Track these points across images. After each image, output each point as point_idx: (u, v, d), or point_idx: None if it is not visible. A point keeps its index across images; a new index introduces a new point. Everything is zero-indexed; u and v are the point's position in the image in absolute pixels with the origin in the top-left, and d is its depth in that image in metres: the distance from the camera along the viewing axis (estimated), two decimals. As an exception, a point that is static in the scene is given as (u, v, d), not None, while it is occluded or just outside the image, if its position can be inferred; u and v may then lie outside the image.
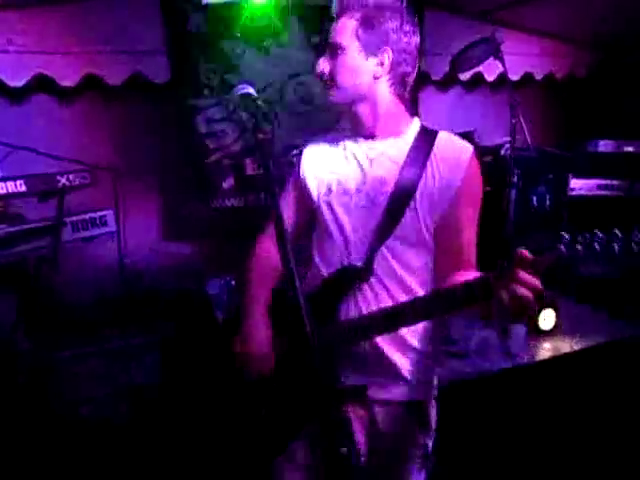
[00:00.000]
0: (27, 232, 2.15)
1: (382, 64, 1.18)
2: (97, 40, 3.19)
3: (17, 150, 2.40)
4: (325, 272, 1.27)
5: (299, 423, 1.22)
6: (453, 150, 1.22)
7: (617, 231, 0.91)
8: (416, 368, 1.25)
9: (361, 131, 1.27)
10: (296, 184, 1.36)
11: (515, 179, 2.96)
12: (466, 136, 2.92)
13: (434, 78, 4.19)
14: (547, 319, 2.90)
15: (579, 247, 0.92)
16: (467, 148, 1.23)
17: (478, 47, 2.73)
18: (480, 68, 3.93)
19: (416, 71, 1.27)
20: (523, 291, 0.91)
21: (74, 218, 2.38)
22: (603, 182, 3.52)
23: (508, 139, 2.97)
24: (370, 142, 1.25)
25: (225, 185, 3.67)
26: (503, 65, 2.66)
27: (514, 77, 4.21)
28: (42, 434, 2.19)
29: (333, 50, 1.18)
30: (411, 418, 1.28)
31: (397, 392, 1.26)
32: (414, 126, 1.26)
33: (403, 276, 1.21)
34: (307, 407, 1.20)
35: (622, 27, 3.86)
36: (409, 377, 1.25)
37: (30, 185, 2.02)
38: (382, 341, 1.22)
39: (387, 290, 1.21)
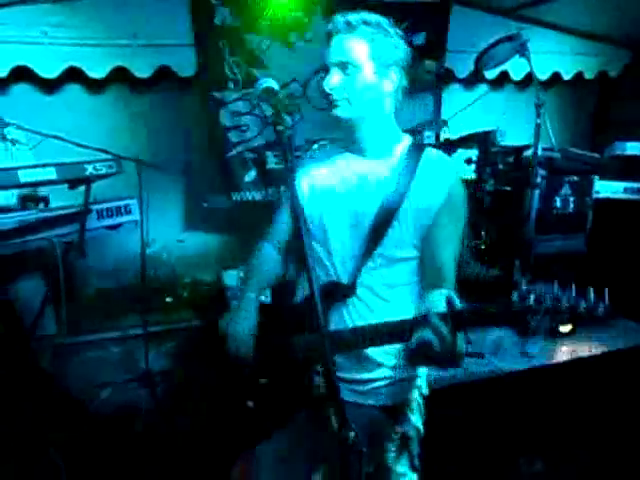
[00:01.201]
0: (55, 218, 2.22)
1: (392, 81, 1.22)
2: (126, 33, 3.27)
3: (48, 138, 2.48)
4: (306, 284, 1.26)
5: (286, 410, 1.26)
6: (438, 169, 1.24)
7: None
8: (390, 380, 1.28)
9: (354, 148, 1.27)
10: (289, 201, 1.35)
11: (538, 180, 2.92)
12: (488, 135, 2.94)
13: (459, 76, 4.15)
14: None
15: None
16: (451, 166, 1.26)
17: (503, 45, 2.69)
18: (506, 66, 3.89)
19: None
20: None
21: (100, 206, 2.44)
22: (630, 185, 3.45)
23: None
24: (361, 160, 1.27)
25: (247, 178, 3.71)
26: (529, 63, 2.62)
27: (542, 76, 4.15)
28: (62, 416, 2.26)
29: (346, 68, 1.20)
30: (387, 418, 1.31)
31: (371, 399, 1.29)
32: (404, 144, 1.28)
33: (383, 292, 1.26)
34: (296, 397, 1.24)
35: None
36: (384, 384, 1.28)
37: (60, 173, 2.08)
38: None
39: (367, 305, 1.25)
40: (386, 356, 1.27)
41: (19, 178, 1.94)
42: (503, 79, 4.30)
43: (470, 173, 3.04)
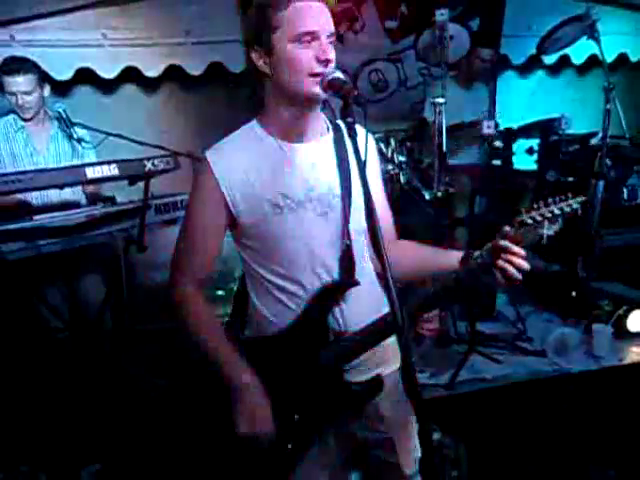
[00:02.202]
0: (117, 213, 2.29)
1: None
2: (178, 32, 3.34)
3: (109, 136, 2.57)
4: (286, 298, 1.17)
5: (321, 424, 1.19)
6: (359, 135, 1.17)
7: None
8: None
9: (296, 133, 1.16)
10: (217, 213, 1.16)
11: (605, 170, 2.75)
12: (551, 123, 2.80)
13: (515, 62, 3.97)
14: (636, 320, 2.69)
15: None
16: (364, 129, 1.18)
17: (570, 26, 2.55)
18: (567, 50, 3.68)
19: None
20: (518, 262, 1.05)
21: (157, 201, 2.49)
22: None
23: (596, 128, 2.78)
24: (300, 145, 1.16)
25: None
26: (598, 45, 2.46)
27: (607, 58, 3.89)
28: (122, 402, 2.35)
29: (331, 37, 1.09)
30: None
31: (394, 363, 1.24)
32: (325, 121, 1.23)
33: (369, 268, 1.24)
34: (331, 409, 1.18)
35: None
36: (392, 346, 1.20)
37: (121, 169, 2.14)
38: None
39: (364, 287, 1.19)
40: None
41: (86, 175, 2.02)
42: (562, 63, 4.08)
43: (531, 163, 2.90)
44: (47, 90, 2.45)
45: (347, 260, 1.17)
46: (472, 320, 2.56)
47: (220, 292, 3.68)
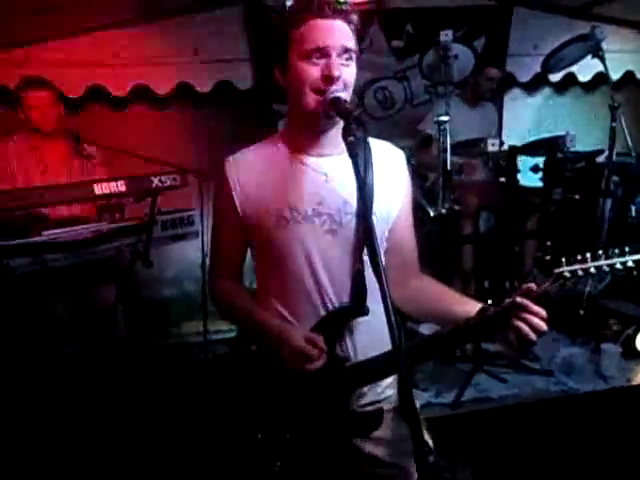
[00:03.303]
0: (125, 228, 2.32)
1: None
2: (188, 51, 3.41)
3: (117, 153, 2.61)
4: (292, 316, 1.15)
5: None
6: (390, 155, 1.21)
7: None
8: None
9: (309, 146, 1.15)
10: (233, 214, 1.17)
11: (612, 187, 2.74)
12: (556, 141, 2.80)
13: (521, 80, 4.00)
14: (645, 341, 2.65)
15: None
16: (400, 151, 1.24)
17: (575, 45, 2.56)
18: (573, 68, 3.70)
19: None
20: (535, 322, 0.97)
21: (164, 217, 2.52)
22: None
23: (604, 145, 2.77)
24: (316, 159, 1.15)
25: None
26: (603, 63, 2.47)
27: (613, 76, 3.90)
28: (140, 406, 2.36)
29: (345, 55, 1.07)
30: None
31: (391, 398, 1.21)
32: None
33: (375, 297, 1.13)
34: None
35: None
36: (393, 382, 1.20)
37: (129, 186, 2.17)
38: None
39: (375, 316, 1.09)
40: None
41: (94, 191, 2.05)
42: (568, 81, 4.10)
43: (536, 181, 2.90)
44: (62, 108, 2.54)
45: (358, 285, 1.12)
46: (472, 340, 2.53)
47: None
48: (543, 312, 0.98)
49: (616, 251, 0.95)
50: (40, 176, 2.48)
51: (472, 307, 1.09)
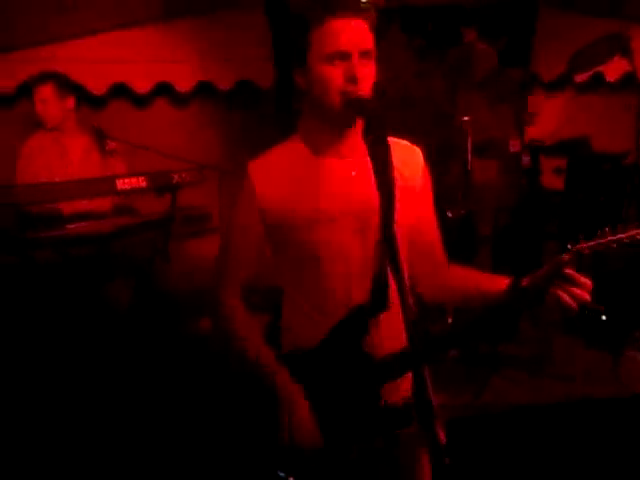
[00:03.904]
0: (145, 224, 2.36)
1: None
2: (210, 50, 3.45)
3: (140, 149, 2.66)
4: (317, 314, 1.16)
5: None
6: (407, 153, 1.20)
7: None
8: None
9: (333, 149, 1.14)
10: (252, 213, 1.17)
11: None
12: (580, 142, 2.75)
13: (545, 80, 3.93)
14: (670, 347, 2.58)
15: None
16: (417, 148, 1.23)
17: (603, 44, 2.50)
18: (600, 68, 3.62)
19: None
20: (580, 293, 0.97)
21: (183, 213, 2.55)
22: None
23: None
24: (337, 160, 1.15)
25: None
26: (632, 63, 2.41)
27: (642, 76, 3.82)
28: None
29: (366, 56, 1.06)
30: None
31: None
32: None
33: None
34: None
35: None
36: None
37: (150, 181, 2.21)
38: None
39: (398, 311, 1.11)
40: None
41: (116, 186, 2.09)
42: (594, 81, 4.01)
43: (559, 183, 2.85)
44: (71, 102, 2.52)
45: (380, 281, 1.12)
46: (494, 341, 2.51)
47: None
48: (589, 283, 0.99)
49: (633, 225, 0.98)
50: (63, 170, 2.53)
51: (501, 281, 1.09)
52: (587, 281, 0.98)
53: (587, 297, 0.98)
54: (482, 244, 2.92)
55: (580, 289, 0.98)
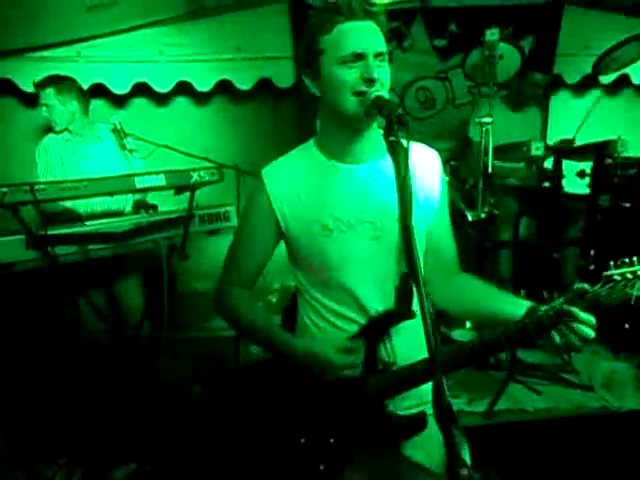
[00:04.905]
0: (162, 222, 2.37)
1: None
2: (230, 48, 3.45)
3: (159, 148, 2.67)
4: (337, 321, 1.16)
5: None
6: (425, 157, 1.19)
7: None
8: None
9: (349, 154, 1.14)
10: (268, 226, 1.18)
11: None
12: (607, 146, 2.67)
13: (568, 82, 3.85)
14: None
15: None
16: (434, 152, 1.22)
17: (630, 45, 2.43)
18: (626, 69, 3.52)
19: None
20: (586, 330, 0.97)
21: (201, 212, 2.56)
22: None
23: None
24: (354, 166, 1.14)
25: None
26: (660, 65, 2.33)
27: (671, 79, 3.71)
28: (157, 408, 2.40)
29: (380, 57, 1.07)
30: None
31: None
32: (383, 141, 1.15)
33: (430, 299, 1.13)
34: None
35: None
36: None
37: (169, 179, 2.21)
38: None
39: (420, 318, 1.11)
40: None
41: (135, 184, 2.10)
42: (620, 83, 3.91)
43: (583, 187, 2.77)
44: (74, 105, 2.52)
45: (404, 289, 1.11)
46: (512, 347, 2.45)
47: (259, 304, 3.72)
48: (592, 319, 0.97)
49: None
50: (77, 169, 2.56)
51: (518, 307, 1.07)
52: (589, 318, 0.97)
53: (592, 335, 0.97)
54: (502, 249, 2.87)
55: (585, 326, 0.97)
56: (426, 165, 1.18)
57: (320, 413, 1.14)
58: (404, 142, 0.98)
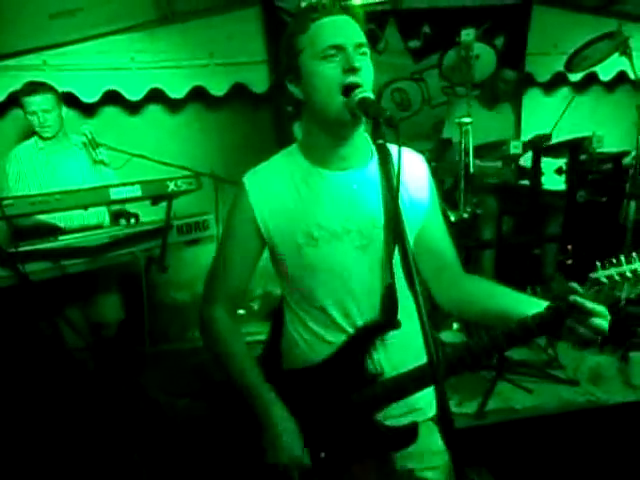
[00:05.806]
0: (140, 234, 2.30)
1: None
2: (203, 54, 3.39)
3: (133, 157, 2.60)
4: (321, 332, 1.12)
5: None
6: (411, 161, 1.16)
7: None
8: None
9: (334, 159, 1.09)
10: (251, 236, 1.13)
11: (638, 190, 2.65)
12: (582, 142, 2.72)
13: (539, 80, 3.92)
14: (677, 348, 2.55)
15: None
16: (419, 155, 1.19)
17: (601, 43, 2.48)
18: (595, 67, 3.61)
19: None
20: (598, 323, 0.93)
21: (180, 222, 2.49)
22: None
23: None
24: (339, 172, 1.10)
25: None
26: (631, 62, 2.39)
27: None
28: (138, 422, 2.33)
29: (360, 49, 1.02)
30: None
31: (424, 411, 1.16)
32: (370, 145, 1.13)
33: (408, 310, 1.06)
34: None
35: None
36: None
37: (145, 190, 2.15)
38: None
39: (407, 330, 1.08)
40: None
41: (110, 196, 2.03)
42: (589, 81, 4.01)
43: (560, 184, 2.82)
44: (63, 111, 2.49)
45: (389, 299, 1.08)
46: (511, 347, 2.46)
47: (241, 311, 3.66)
48: (602, 310, 0.93)
49: None
50: (50, 180, 2.46)
51: (527, 306, 1.02)
52: (597, 307, 0.93)
53: (605, 327, 0.93)
54: (485, 248, 2.89)
55: (597, 317, 0.93)
56: (413, 169, 1.16)
57: (309, 428, 1.10)
58: (394, 146, 0.94)
